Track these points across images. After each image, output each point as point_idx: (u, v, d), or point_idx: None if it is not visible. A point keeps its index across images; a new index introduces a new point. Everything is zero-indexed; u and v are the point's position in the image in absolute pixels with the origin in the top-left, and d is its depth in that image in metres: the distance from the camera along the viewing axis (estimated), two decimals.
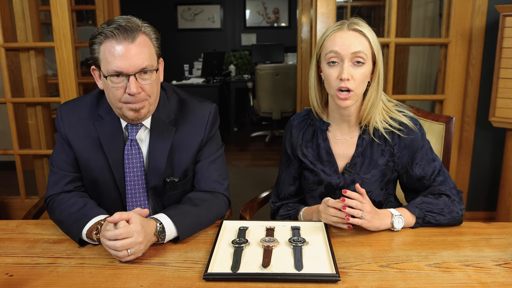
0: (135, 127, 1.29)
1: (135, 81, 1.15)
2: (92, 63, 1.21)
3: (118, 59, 1.13)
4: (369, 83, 1.27)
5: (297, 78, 4.29)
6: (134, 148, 1.29)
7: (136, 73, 1.15)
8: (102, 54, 1.15)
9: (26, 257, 1.09)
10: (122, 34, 1.13)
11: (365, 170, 1.33)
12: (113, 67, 1.13)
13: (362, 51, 1.20)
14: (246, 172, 4.23)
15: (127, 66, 1.13)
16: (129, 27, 1.14)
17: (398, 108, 1.34)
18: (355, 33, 1.21)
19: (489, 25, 2.50)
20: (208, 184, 1.35)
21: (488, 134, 2.66)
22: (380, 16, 3.97)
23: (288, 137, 1.42)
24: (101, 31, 1.14)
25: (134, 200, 1.33)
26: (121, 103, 1.19)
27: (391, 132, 1.31)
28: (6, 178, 3.41)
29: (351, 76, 1.20)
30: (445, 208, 1.23)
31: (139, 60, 1.14)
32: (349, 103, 1.23)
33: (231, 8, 7.19)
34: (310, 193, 1.40)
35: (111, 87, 1.16)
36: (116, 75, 1.15)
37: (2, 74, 2.58)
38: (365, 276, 0.98)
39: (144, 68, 1.16)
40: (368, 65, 1.22)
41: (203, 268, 1.01)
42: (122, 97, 1.17)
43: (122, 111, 1.21)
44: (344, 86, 1.20)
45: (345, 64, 1.20)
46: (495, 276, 0.98)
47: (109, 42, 1.13)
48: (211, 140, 1.36)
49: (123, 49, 1.13)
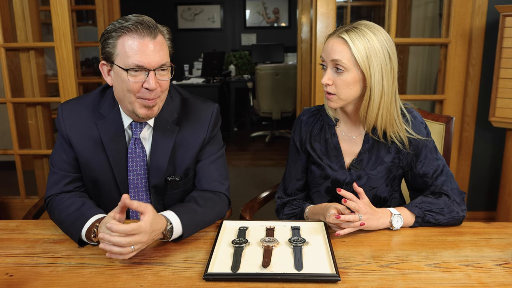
0: (139, 126, 1.29)
1: (154, 77, 1.17)
2: (102, 58, 1.21)
3: (140, 53, 1.14)
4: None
5: (297, 78, 4.29)
6: (138, 147, 1.29)
7: (156, 69, 1.17)
8: (120, 48, 1.15)
9: (26, 257, 1.09)
10: (146, 29, 1.15)
11: (371, 167, 1.34)
12: (134, 61, 1.14)
13: (340, 59, 1.21)
14: (246, 172, 4.23)
15: (148, 61, 1.15)
16: (151, 24, 1.16)
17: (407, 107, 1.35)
18: (339, 41, 1.22)
19: (489, 25, 2.50)
20: (209, 183, 1.35)
21: (488, 134, 2.66)
22: (380, 16, 3.97)
23: (298, 131, 1.43)
24: (121, 26, 1.15)
25: (136, 199, 1.32)
26: (135, 98, 1.19)
27: (400, 137, 1.32)
28: (6, 178, 3.41)
29: (331, 82, 1.24)
30: (445, 208, 1.24)
31: (160, 57, 1.17)
32: (333, 105, 1.28)
33: (231, 8, 7.19)
34: (316, 187, 1.41)
35: (130, 81, 1.16)
36: (135, 69, 1.16)
37: (2, 74, 2.58)
38: (365, 276, 0.98)
39: (164, 65, 1.19)
40: (351, 73, 1.22)
41: (203, 268, 1.01)
42: (139, 91, 1.18)
43: (134, 107, 1.21)
44: (326, 90, 1.27)
45: (328, 69, 1.25)
46: (495, 276, 0.98)
47: (131, 36, 1.14)
48: (212, 140, 1.37)
49: (145, 44, 1.15)
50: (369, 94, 1.24)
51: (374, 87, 1.23)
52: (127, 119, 1.29)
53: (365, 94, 1.26)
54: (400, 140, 1.31)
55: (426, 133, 1.34)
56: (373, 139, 1.34)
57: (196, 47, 7.07)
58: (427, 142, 1.33)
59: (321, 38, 2.48)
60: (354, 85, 1.24)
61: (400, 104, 1.32)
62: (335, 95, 1.26)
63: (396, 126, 1.29)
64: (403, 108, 1.34)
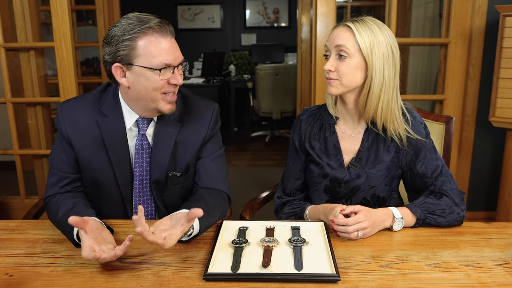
0: (146, 122, 1.30)
1: (179, 72, 1.22)
2: (117, 60, 1.19)
3: (166, 51, 1.18)
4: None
5: (297, 78, 4.29)
6: (145, 143, 1.30)
7: (179, 65, 1.22)
8: (143, 49, 1.17)
9: (26, 257, 1.09)
10: (166, 27, 1.19)
11: (370, 165, 1.34)
12: (162, 60, 1.17)
13: (344, 45, 1.23)
14: (246, 172, 4.23)
15: (174, 58, 1.20)
16: (165, 22, 1.20)
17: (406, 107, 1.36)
18: (344, 29, 1.26)
19: (489, 25, 2.50)
20: (211, 182, 1.36)
21: (488, 134, 2.66)
22: (380, 16, 3.96)
23: (297, 130, 1.44)
24: (142, 26, 1.16)
25: (141, 196, 1.34)
26: (161, 95, 1.22)
27: (399, 134, 1.32)
28: (6, 178, 3.41)
29: (334, 68, 1.26)
30: (446, 209, 1.24)
31: (180, 53, 1.23)
32: (334, 91, 1.28)
33: (231, 8, 7.19)
34: (315, 186, 1.41)
35: (159, 79, 1.19)
36: (164, 67, 1.18)
37: (2, 74, 2.58)
38: (365, 276, 0.98)
39: (183, 61, 1.24)
40: (354, 60, 1.24)
41: (203, 268, 1.01)
42: (163, 88, 1.21)
43: (158, 104, 1.23)
44: (327, 77, 1.28)
45: (331, 56, 1.27)
46: (495, 276, 0.98)
47: (153, 36, 1.17)
48: (213, 138, 1.38)
49: (169, 43, 1.19)
50: (370, 82, 1.25)
51: (374, 76, 1.24)
52: (130, 117, 1.29)
53: (365, 82, 1.27)
54: (399, 137, 1.31)
55: (426, 133, 1.34)
56: (372, 138, 1.34)
57: (196, 47, 7.06)
58: (426, 141, 1.33)
59: (321, 38, 2.48)
60: (356, 72, 1.25)
61: (401, 102, 1.32)
62: (337, 80, 1.27)
63: (396, 123, 1.30)
64: (404, 107, 1.34)
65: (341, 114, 1.38)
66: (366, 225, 1.15)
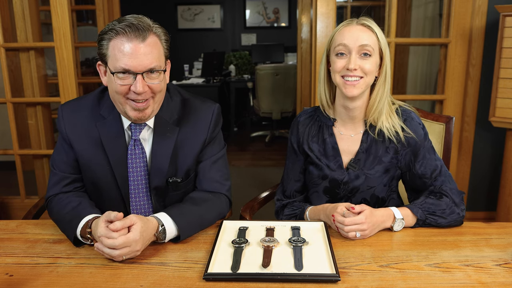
0: (138, 127, 1.28)
1: (142, 80, 1.15)
2: (98, 59, 1.21)
3: (127, 56, 1.13)
4: (377, 79, 1.31)
5: (297, 78, 4.29)
6: (138, 148, 1.29)
7: (144, 72, 1.15)
8: (110, 50, 1.15)
9: (26, 257, 1.09)
10: (134, 32, 1.13)
11: (369, 166, 1.34)
12: (121, 64, 1.13)
13: (369, 44, 1.25)
14: (246, 172, 4.23)
15: (135, 64, 1.13)
16: (141, 26, 1.14)
17: (404, 107, 1.37)
18: (363, 28, 1.27)
19: (489, 25, 2.50)
20: (210, 184, 1.35)
21: (488, 134, 2.66)
22: (380, 16, 3.96)
23: (295, 132, 1.44)
24: (112, 28, 1.14)
25: (137, 201, 1.32)
26: (125, 100, 1.19)
27: (395, 132, 1.32)
28: (6, 178, 3.41)
29: (359, 66, 1.25)
30: (446, 209, 1.24)
31: (148, 60, 1.14)
32: (356, 92, 1.26)
33: (231, 8, 7.18)
34: (314, 188, 1.41)
35: (117, 83, 1.16)
36: (123, 72, 1.15)
37: (2, 74, 2.58)
38: (365, 276, 0.98)
39: (152, 69, 1.16)
40: (375, 58, 1.27)
41: (203, 268, 1.01)
42: (127, 94, 1.18)
43: (125, 109, 1.20)
44: (351, 75, 1.25)
45: (353, 55, 1.25)
46: (495, 276, 0.98)
47: (119, 39, 1.13)
48: (213, 140, 1.37)
49: (133, 48, 1.13)
50: (383, 77, 1.29)
51: (385, 72, 1.29)
52: (127, 120, 1.28)
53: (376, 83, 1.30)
54: (395, 135, 1.31)
55: (424, 133, 1.34)
56: (371, 138, 1.34)
57: (196, 47, 7.07)
58: (424, 142, 1.33)
59: (321, 38, 2.48)
60: (375, 70, 1.29)
61: (393, 99, 1.36)
62: (361, 79, 1.26)
63: (389, 117, 1.32)
64: (403, 105, 1.35)
65: (340, 116, 1.37)
66: (365, 227, 1.15)
